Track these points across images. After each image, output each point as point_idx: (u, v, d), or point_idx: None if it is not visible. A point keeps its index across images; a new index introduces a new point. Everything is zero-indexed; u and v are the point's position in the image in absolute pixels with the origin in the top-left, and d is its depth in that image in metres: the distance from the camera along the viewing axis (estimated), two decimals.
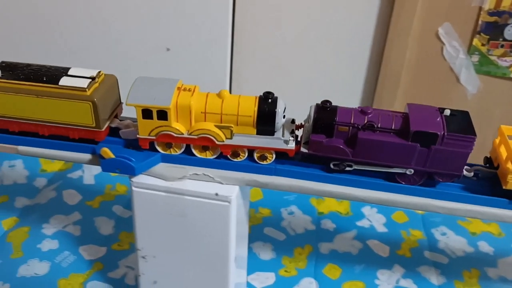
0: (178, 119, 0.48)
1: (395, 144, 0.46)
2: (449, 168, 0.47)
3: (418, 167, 0.47)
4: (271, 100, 0.47)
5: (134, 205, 0.51)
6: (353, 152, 0.47)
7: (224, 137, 0.48)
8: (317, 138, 0.48)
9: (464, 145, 0.46)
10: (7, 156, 0.89)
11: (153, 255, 0.54)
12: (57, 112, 0.49)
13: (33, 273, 0.66)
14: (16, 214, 0.77)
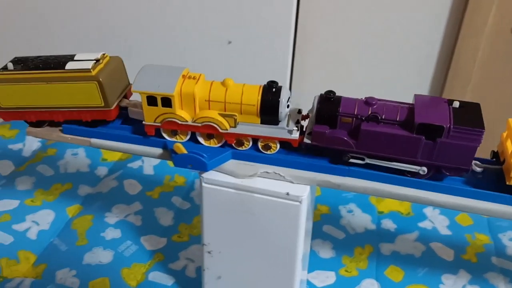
0: (182, 106, 0.48)
1: (399, 136, 0.45)
2: (457, 162, 0.45)
3: (424, 160, 0.45)
4: (275, 90, 0.47)
5: (203, 201, 0.51)
6: (357, 143, 0.46)
7: (228, 125, 0.48)
8: (320, 129, 0.47)
9: (471, 139, 0.43)
10: (71, 145, 0.91)
11: (218, 250, 0.54)
12: (67, 97, 0.50)
13: (98, 261, 0.68)
14: (80, 202, 0.79)
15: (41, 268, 0.67)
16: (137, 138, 0.51)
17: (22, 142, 0.93)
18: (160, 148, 0.51)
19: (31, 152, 0.91)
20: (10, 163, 0.88)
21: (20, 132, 0.95)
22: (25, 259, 0.68)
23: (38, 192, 0.80)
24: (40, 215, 0.75)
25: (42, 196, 0.79)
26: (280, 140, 0.49)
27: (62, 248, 0.70)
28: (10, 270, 0.66)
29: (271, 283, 0.55)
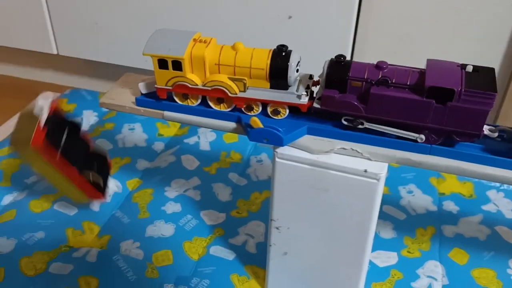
0: (193, 70, 0.49)
1: (409, 100, 0.44)
2: (467, 127, 0.44)
3: (434, 125, 0.44)
4: (285, 54, 0.46)
5: (275, 176, 0.50)
6: (366, 108, 0.45)
7: (237, 89, 0.48)
8: (330, 93, 0.46)
9: (483, 102, 0.42)
10: (127, 119, 0.92)
11: (287, 226, 0.54)
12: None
13: (160, 234, 0.69)
14: (139, 176, 0.81)
15: (106, 239, 0.68)
16: (211, 111, 0.51)
17: (80, 116, 0.95)
18: (234, 122, 0.50)
19: (89, 126, 0.93)
20: None
21: (77, 106, 0.97)
22: (89, 230, 0.70)
23: None
24: None
25: None
26: (289, 105, 0.48)
27: (124, 220, 0.71)
28: (76, 240, 0.68)
29: (339, 261, 0.54)
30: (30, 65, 1.15)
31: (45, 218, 0.71)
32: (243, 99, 0.49)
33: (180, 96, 0.51)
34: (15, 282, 0.61)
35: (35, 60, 1.14)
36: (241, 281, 0.63)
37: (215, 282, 0.62)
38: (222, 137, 0.88)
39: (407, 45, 0.83)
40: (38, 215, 0.71)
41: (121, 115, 0.94)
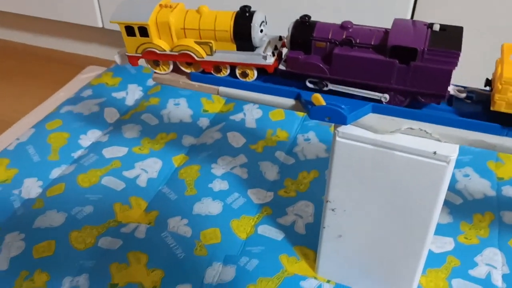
0: (160, 35, 0.49)
1: (372, 60, 0.43)
2: (432, 88, 0.43)
3: (399, 86, 0.44)
4: (248, 15, 0.46)
5: (334, 156, 0.48)
6: (330, 69, 0.45)
7: (204, 53, 0.48)
8: (294, 54, 0.46)
9: (447, 62, 0.41)
10: (172, 94, 0.91)
11: (343, 208, 0.52)
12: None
13: (207, 211, 0.68)
14: (185, 152, 0.80)
15: (153, 215, 0.68)
16: (268, 87, 0.49)
17: (125, 90, 0.94)
18: (293, 99, 0.48)
19: (134, 101, 0.92)
20: (115, 110, 0.89)
21: (122, 80, 0.97)
22: (137, 205, 0.69)
23: (144, 141, 0.81)
24: (148, 163, 0.76)
25: (149, 145, 0.80)
26: (256, 67, 0.48)
27: (171, 196, 0.71)
28: (124, 215, 0.68)
29: (397, 245, 0.52)
30: (76, 39, 1.15)
31: (93, 193, 0.71)
32: (210, 62, 0.49)
33: (151, 63, 0.52)
34: (66, 255, 0.62)
35: (81, 34, 1.13)
36: (291, 262, 0.61)
37: (264, 262, 0.61)
38: (268, 114, 0.86)
39: (470, 3, 0.78)
40: (86, 190, 0.72)
41: (166, 90, 0.93)
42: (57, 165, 0.77)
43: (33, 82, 1.03)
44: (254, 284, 0.58)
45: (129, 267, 0.59)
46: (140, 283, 0.58)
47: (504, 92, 0.41)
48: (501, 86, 0.40)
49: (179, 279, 0.59)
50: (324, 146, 0.80)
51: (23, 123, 0.88)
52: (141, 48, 0.50)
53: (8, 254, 0.62)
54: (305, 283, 0.59)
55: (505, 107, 0.41)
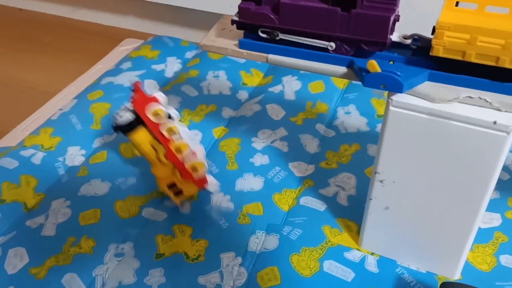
0: None
1: (315, 9, 0.45)
2: (372, 35, 0.44)
3: (342, 34, 0.45)
4: None
5: (387, 126, 0.47)
6: (279, 19, 0.46)
7: None
8: (246, 5, 0.47)
9: (384, 8, 0.43)
10: (211, 67, 0.91)
11: (392, 180, 0.51)
12: None
13: (249, 187, 0.68)
14: (224, 124, 0.80)
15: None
16: (319, 55, 0.48)
17: (164, 63, 0.94)
18: (345, 67, 0.47)
19: (173, 73, 0.92)
20: (155, 82, 0.90)
21: (161, 53, 0.97)
22: None
23: (184, 112, 0.81)
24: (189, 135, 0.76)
25: (189, 116, 0.80)
26: None
27: (213, 169, 0.71)
28: None
29: (448, 219, 0.51)
30: (114, 12, 1.16)
31: (135, 164, 0.72)
32: None
33: None
34: (111, 223, 0.63)
35: (118, 7, 1.14)
36: (333, 233, 0.61)
37: (307, 232, 0.61)
38: (308, 86, 0.85)
39: None
40: (129, 160, 0.72)
41: (205, 63, 0.92)
42: (99, 135, 0.78)
43: (72, 55, 1.04)
44: (298, 253, 0.58)
45: (174, 238, 0.60)
46: (185, 252, 0.59)
47: (440, 36, 0.41)
48: (437, 31, 0.41)
49: (223, 248, 0.59)
50: (365, 119, 0.79)
51: (64, 94, 0.89)
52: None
53: (55, 220, 0.63)
54: (348, 254, 0.58)
55: (442, 52, 0.42)
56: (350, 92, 0.84)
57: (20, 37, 1.10)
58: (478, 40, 0.41)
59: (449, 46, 0.42)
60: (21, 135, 0.79)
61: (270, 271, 0.56)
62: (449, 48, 0.42)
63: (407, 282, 0.56)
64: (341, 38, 0.46)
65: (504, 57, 0.40)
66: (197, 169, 0.60)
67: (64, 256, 0.58)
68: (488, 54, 0.41)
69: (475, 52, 0.41)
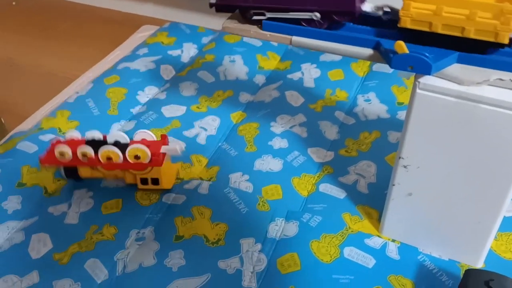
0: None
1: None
2: (341, 5, 0.46)
3: (313, 6, 0.47)
4: None
5: (413, 109, 0.46)
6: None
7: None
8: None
9: None
10: (227, 51, 0.90)
11: (417, 165, 0.50)
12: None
13: (268, 168, 0.67)
14: (242, 109, 0.79)
15: (214, 170, 0.68)
16: (344, 36, 0.47)
17: (180, 49, 0.94)
18: (371, 48, 0.46)
19: (189, 58, 0.92)
20: (171, 67, 0.89)
21: (177, 40, 0.96)
22: (197, 162, 0.70)
23: (202, 99, 0.80)
24: (207, 121, 0.76)
25: (207, 103, 0.80)
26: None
27: (232, 153, 0.70)
28: (186, 173, 0.68)
29: (473, 205, 0.50)
30: None
31: None
32: None
33: None
34: (132, 211, 0.63)
35: None
36: (354, 221, 0.61)
37: (327, 220, 0.60)
38: (327, 74, 0.84)
39: None
40: None
41: (221, 47, 0.92)
42: (116, 120, 0.78)
43: (91, 42, 1.04)
44: (318, 240, 0.57)
45: (193, 220, 0.60)
46: (205, 235, 0.58)
47: (407, 7, 0.42)
48: (404, 2, 0.41)
49: (243, 233, 0.59)
50: (385, 107, 0.78)
51: (83, 80, 0.89)
52: None
53: (77, 209, 0.63)
54: (369, 241, 0.58)
55: (410, 23, 0.42)
56: (370, 80, 0.83)
57: (40, 24, 1.11)
58: (444, 11, 0.41)
59: (416, 17, 0.42)
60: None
61: (290, 257, 0.56)
62: (416, 19, 0.42)
63: (429, 269, 0.55)
64: (313, 11, 0.47)
65: (469, 28, 0.41)
66: (139, 155, 0.60)
67: (87, 243, 0.58)
68: (453, 24, 0.41)
69: (441, 23, 0.42)
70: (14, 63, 0.94)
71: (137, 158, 0.60)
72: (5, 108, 0.76)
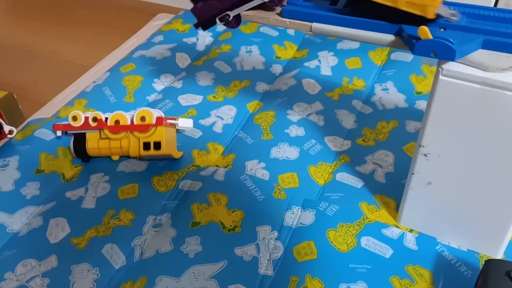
0: None
1: None
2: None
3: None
4: None
5: (435, 96, 0.45)
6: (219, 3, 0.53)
7: None
8: (196, 5, 0.55)
9: None
10: (244, 41, 0.90)
11: (438, 153, 0.49)
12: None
13: (284, 156, 0.67)
14: (259, 98, 0.79)
15: (231, 158, 0.68)
16: (366, 22, 0.46)
17: (195, 36, 0.93)
18: (392, 35, 0.45)
19: (204, 46, 0.91)
20: (186, 55, 0.89)
21: (192, 27, 0.96)
22: (214, 150, 0.70)
23: (218, 89, 0.80)
24: (223, 111, 0.76)
25: (223, 93, 0.79)
26: None
27: (248, 141, 0.70)
28: (202, 160, 0.68)
29: (493, 195, 0.49)
30: None
31: None
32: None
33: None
34: (149, 197, 0.63)
35: None
36: (371, 210, 0.60)
37: (344, 209, 0.60)
38: (344, 62, 0.83)
39: None
40: None
41: (237, 37, 0.91)
42: (133, 107, 0.78)
43: (107, 30, 1.04)
44: (335, 229, 0.57)
45: (210, 207, 0.60)
46: (221, 222, 0.58)
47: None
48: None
49: (259, 220, 0.59)
50: (403, 96, 0.77)
51: (99, 68, 0.90)
52: None
53: (94, 193, 0.63)
54: (386, 231, 0.57)
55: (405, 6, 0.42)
56: (388, 69, 0.82)
57: (57, 12, 1.11)
58: None
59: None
60: (57, 107, 0.80)
61: (306, 246, 0.56)
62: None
63: (448, 259, 0.54)
64: None
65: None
66: (145, 117, 0.65)
67: (104, 228, 0.59)
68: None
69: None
70: (31, 50, 0.95)
71: (143, 120, 0.64)
72: (22, 94, 0.77)
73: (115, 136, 0.65)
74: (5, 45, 0.99)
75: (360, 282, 0.52)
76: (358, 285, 0.52)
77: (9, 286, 0.53)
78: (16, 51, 0.97)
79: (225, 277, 0.53)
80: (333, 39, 0.89)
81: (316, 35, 0.91)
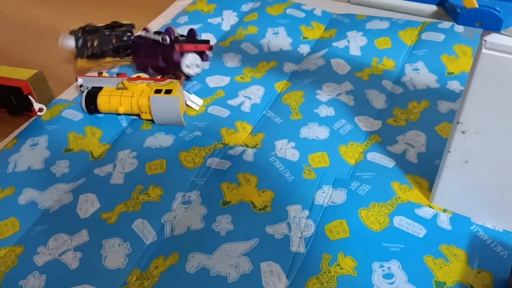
0: None
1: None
2: None
3: None
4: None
5: (476, 70, 0.44)
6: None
7: None
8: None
9: None
10: (271, 23, 0.89)
11: (476, 131, 0.48)
12: None
13: (314, 136, 0.66)
14: (286, 78, 0.78)
15: (260, 137, 0.67)
16: None
17: (220, 16, 0.93)
18: (434, 5, 0.44)
19: (230, 26, 0.91)
20: (212, 36, 0.88)
21: (217, 7, 0.95)
22: (242, 129, 0.69)
23: (246, 70, 0.79)
24: (251, 91, 0.75)
25: (251, 74, 0.79)
26: None
27: (277, 120, 0.69)
28: (230, 138, 0.68)
29: None
30: None
31: (199, 120, 0.71)
32: None
33: None
34: (177, 173, 0.63)
35: None
36: (403, 190, 0.59)
37: (376, 188, 0.59)
38: (374, 42, 0.82)
39: None
40: (194, 118, 0.72)
41: (264, 19, 0.90)
42: None
43: (133, 10, 1.03)
44: (367, 208, 0.56)
45: (240, 187, 0.60)
46: (252, 201, 0.58)
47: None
48: None
49: (289, 200, 0.58)
50: (434, 76, 0.75)
51: None
52: None
53: (122, 169, 0.64)
54: (419, 211, 0.56)
55: None
56: (418, 49, 0.80)
57: None
58: None
59: None
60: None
61: (338, 224, 0.55)
62: None
63: (483, 240, 0.53)
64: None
65: None
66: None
67: (133, 203, 0.59)
68: None
69: None
70: (57, 30, 0.95)
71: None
72: (49, 74, 0.77)
73: (132, 84, 0.70)
74: (31, 26, 1.00)
75: (393, 261, 0.51)
76: (391, 263, 0.51)
77: (42, 259, 0.54)
78: (41, 31, 0.98)
79: (258, 255, 0.52)
80: (361, 19, 0.87)
81: (344, 15, 0.90)
